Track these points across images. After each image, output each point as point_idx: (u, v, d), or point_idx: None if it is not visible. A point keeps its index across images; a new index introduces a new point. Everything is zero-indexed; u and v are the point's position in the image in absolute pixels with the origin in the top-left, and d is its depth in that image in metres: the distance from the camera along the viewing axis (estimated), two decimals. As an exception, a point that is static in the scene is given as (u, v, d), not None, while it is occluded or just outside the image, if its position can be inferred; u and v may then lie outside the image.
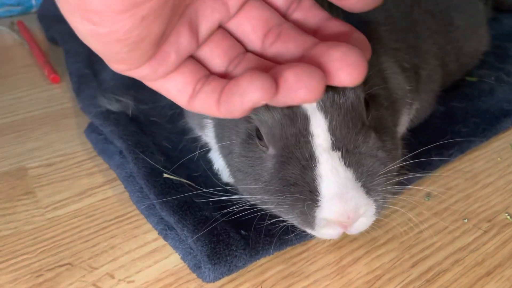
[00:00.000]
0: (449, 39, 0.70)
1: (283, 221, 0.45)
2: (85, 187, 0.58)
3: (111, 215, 0.53)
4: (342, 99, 0.42)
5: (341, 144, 0.41)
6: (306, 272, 0.46)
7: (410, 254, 0.48)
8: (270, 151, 0.44)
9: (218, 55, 0.39)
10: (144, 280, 0.45)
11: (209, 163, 0.59)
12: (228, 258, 0.45)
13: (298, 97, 0.33)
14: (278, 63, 0.38)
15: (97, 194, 0.57)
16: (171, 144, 0.62)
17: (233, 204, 0.47)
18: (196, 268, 0.45)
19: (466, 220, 0.52)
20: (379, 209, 0.43)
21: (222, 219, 0.48)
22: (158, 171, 0.55)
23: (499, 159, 0.62)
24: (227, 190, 0.51)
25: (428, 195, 0.55)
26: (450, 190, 0.56)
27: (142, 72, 0.36)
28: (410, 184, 0.54)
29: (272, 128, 0.42)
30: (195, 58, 0.39)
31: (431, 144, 0.57)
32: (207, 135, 0.56)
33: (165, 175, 0.54)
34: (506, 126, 0.67)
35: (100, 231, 0.51)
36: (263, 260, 0.47)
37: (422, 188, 0.55)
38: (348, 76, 0.34)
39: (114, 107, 0.66)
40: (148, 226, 0.51)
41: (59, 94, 0.80)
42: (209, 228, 0.47)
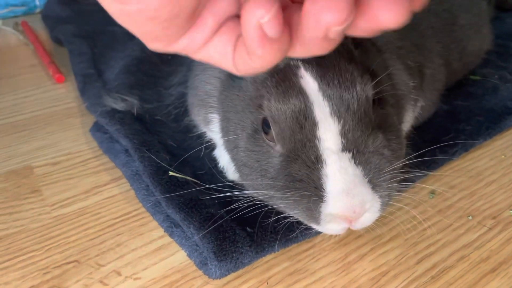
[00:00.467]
0: (452, 38, 0.70)
1: (289, 217, 0.45)
2: (91, 186, 0.58)
3: (117, 213, 0.54)
4: (355, 105, 0.42)
5: (352, 146, 0.42)
6: (311, 269, 0.46)
7: (415, 251, 0.48)
8: (278, 148, 0.44)
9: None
10: (151, 277, 0.46)
11: (214, 161, 0.59)
12: (234, 255, 0.45)
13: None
14: None
15: (103, 192, 0.57)
16: (176, 142, 0.62)
17: (238, 201, 0.47)
18: (202, 265, 0.45)
19: (470, 218, 0.52)
20: (384, 205, 0.43)
21: (228, 216, 0.49)
22: (163, 169, 0.55)
23: (503, 156, 0.62)
24: (232, 187, 0.51)
25: (432, 192, 0.56)
26: (454, 187, 0.56)
27: (181, 45, 0.33)
28: (414, 182, 0.54)
29: (284, 128, 0.43)
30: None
31: (435, 143, 0.57)
32: (212, 130, 0.56)
33: (170, 173, 0.54)
34: (510, 124, 0.67)
35: (107, 229, 0.51)
36: (268, 257, 0.47)
37: (426, 185, 0.56)
38: (393, 16, 0.29)
39: (119, 106, 0.67)
40: (154, 223, 0.52)
41: (64, 94, 0.80)
42: (215, 225, 0.47)
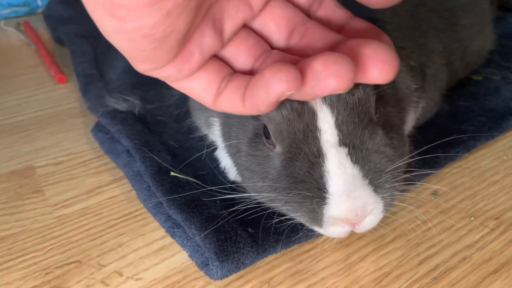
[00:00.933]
0: (454, 38, 0.70)
1: (291, 219, 0.45)
2: (92, 186, 0.58)
3: (118, 213, 0.54)
4: (348, 94, 0.41)
5: (347, 140, 0.41)
6: (313, 270, 0.46)
7: (417, 251, 0.48)
8: (277, 149, 0.44)
9: (243, 53, 0.39)
10: (152, 278, 0.46)
11: (215, 162, 0.59)
12: (235, 255, 0.45)
13: (327, 86, 0.32)
14: (305, 57, 0.37)
15: (104, 192, 0.57)
16: (177, 143, 0.62)
17: (240, 202, 0.47)
18: (203, 265, 0.45)
19: (473, 218, 0.52)
20: (387, 206, 0.43)
21: (230, 217, 0.48)
22: (165, 169, 0.55)
23: (505, 157, 0.62)
24: (234, 188, 0.51)
25: (435, 193, 0.55)
26: (457, 188, 0.56)
27: (167, 72, 0.35)
28: (417, 181, 0.54)
29: (280, 125, 0.42)
30: (220, 57, 0.39)
31: (437, 143, 0.57)
32: (214, 134, 0.56)
33: (172, 173, 0.54)
34: (512, 124, 0.67)
35: (108, 229, 0.51)
36: (270, 258, 0.47)
37: (428, 185, 0.56)
38: (380, 73, 0.33)
39: (121, 106, 0.67)
40: (156, 224, 0.52)
41: (66, 94, 0.81)
42: (216, 226, 0.47)
